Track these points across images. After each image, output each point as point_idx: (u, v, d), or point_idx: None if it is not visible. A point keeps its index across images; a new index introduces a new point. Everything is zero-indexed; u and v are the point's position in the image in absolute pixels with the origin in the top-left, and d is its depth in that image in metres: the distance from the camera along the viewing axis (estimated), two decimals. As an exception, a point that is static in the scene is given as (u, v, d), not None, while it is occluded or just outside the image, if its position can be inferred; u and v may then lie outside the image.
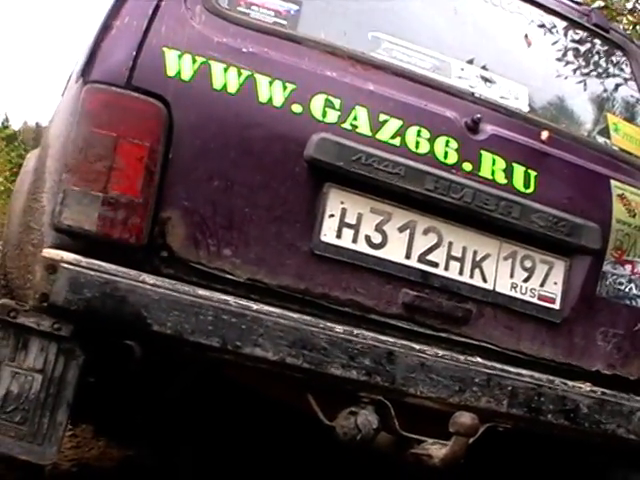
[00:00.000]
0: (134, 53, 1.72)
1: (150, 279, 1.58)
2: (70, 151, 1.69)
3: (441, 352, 1.72)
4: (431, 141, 1.86)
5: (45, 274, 1.58)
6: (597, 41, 2.46)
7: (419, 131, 1.86)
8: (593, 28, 2.44)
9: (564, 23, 2.41)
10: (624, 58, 2.47)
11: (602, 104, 2.37)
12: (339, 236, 1.81)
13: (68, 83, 1.98)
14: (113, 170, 1.67)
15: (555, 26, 2.38)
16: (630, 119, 2.35)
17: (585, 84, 2.36)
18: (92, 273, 1.56)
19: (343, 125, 1.81)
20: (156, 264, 1.70)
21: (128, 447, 3.18)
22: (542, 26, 2.35)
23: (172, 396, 2.48)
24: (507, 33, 2.26)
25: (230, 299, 1.60)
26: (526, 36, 2.26)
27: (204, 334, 1.56)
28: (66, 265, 1.55)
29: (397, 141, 1.84)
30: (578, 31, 2.43)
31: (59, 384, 1.70)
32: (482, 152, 1.91)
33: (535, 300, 1.97)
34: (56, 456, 1.81)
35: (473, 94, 2.00)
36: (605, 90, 2.39)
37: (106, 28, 1.76)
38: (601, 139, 2.22)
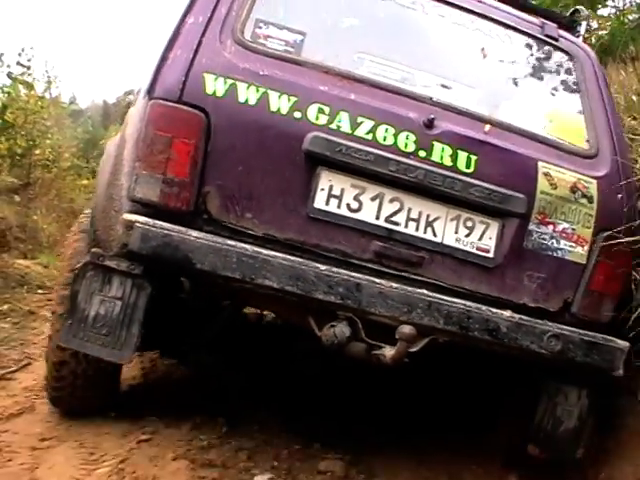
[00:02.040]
0: (183, 78, 2.44)
1: (195, 233, 2.33)
2: (140, 146, 2.43)
3: (395, 284, 2.44)
4: (395, 135, 2.54)
5: (125, 230, 2.34)
6: (547, 48, 3.02)
7: (387, 129, 2.54)
8: (544, 38, 3.03)
9: (520, 36, 3.00)
10: (570, 62, 3.02)
11: (545, 101, 2.94)
12: (327, 204, 2.52)
13: (137, 96, 2.72)
14: (169, 160, 2.40)
15: (511, 38, 2.98)
16: (568, 112, 2.93)
17: (532, 85, 2.93)
18: (156, 230, 2.31)
19: (330, 126, 2.50)
20: (199, 224, 2.43)
21: (186, 369, 3.97)
22: (498, 39, 2.96)
23: (214, 329, 3.25)
24: (466, 47, 2.88)
25: (248, 247, 2.35)
26: (482, 49, 2.89)
27: (230, 270, 2.31)
28: (139, 224, 2.30)
29: (370, 136, 2.52)
30: (531, 41, 3.02)
31: (133, 308, 2.47)
32: (434, 142, 2.57)
33: (474, 250, 2.63)
34: (130, 359, 2.59)
35: (431, 98, 2.66)
36: (549, 89, 2.95)
37: (164, 59, 2.49)
38: (537, 129, 2.80)
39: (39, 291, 5.96)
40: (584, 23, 3.50)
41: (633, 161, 3.05)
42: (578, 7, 3.62)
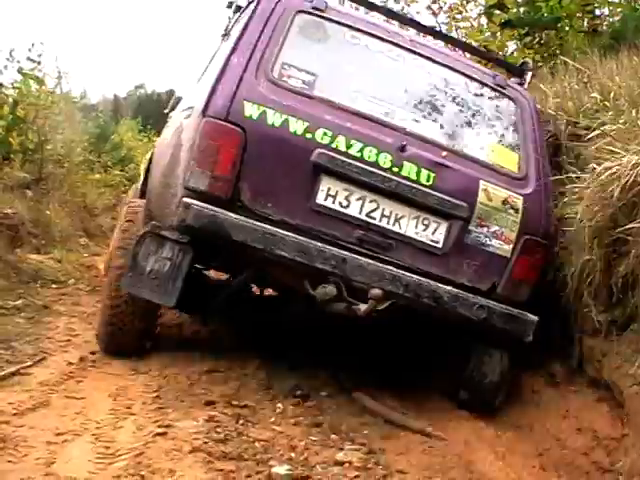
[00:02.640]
0: (229, 103, 3.37)
1: (233, 215, 3.27)
2: (195, 150, 3.35)
3: (370, 261, 3.41)
4: (377, 155, 3.49)
5: (183, 209, 3.26)
6: (496, 94, 3.99)
7: (371, 149, 3.49)
8: (494, 86, 4.01)
9: (476, 84, 3.96)
10: (514, 106, 3.99)
11: (491, 135, 3.87)
12: (325, 200, 3.46)
13: (192, 112, 3.65)
14: (216, 162, 3.33)
15: (469, 85, 3.94)
16: (506, 144, 3.88)
17: (481, 122, 3.87)
18: (205, 211, 3.24)
19: (331, 145, 3.45)
20: (235, 209, 3.34)
21: (196, 324, 4.83)
22: (459, 86, 3.92)
23: (227, 294, 4.15)
24: (434, 91, 3.82)
25: (269, 227, 3.29)
26: (445, 93, 3.85)
27: (256, 242, 3.26)
28: (194, 206, 3.24)
29: (359, 154, 3.47)
30: (484, 88, 3.98)
31: (179, 266, 3.38)
32: (404, 162, 3.52)
33: (428, 241, 3.59)
34: (173, 304, 3.46)
35: (405, 129, 3.61)
36: (494, 126, 3.90)
37: (214, 89, 3.42)
38: (482, 156, 3.76)
39: (53, 286, 5.90)
40: (530, 73, 4.48)
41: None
42: (526, 59, 4.64)
